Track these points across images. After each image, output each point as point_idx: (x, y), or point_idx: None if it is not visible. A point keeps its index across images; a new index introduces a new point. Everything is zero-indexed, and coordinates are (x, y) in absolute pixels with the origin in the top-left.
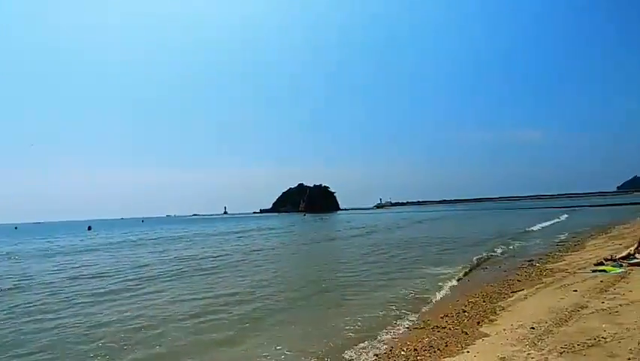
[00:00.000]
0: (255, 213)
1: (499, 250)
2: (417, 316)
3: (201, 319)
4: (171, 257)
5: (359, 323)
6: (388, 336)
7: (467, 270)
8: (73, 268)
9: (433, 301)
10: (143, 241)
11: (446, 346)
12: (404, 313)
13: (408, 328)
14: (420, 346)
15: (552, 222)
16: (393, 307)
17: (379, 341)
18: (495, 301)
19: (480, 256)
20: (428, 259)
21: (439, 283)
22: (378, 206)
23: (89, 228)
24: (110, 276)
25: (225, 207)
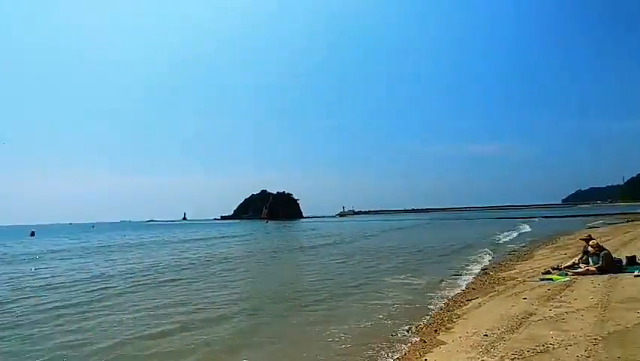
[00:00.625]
0: (215, 219)
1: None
2: (391, 328)
3: (159, 341)
4: (126, 267)
5: (343, 338)
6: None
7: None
8: (13, 278)
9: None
10: (94, 248)
11: (405, 354)
12: (381, 325)
13: (371, 337)
14: (380, 356)
15: (518, 232)
16: (372, 321)
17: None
18: (452, 309)
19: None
20: (399, 269)
21: (412, 294)
22: (341, 215)
23: (32, 233)
24: (54, 288)
25: (185, 213)
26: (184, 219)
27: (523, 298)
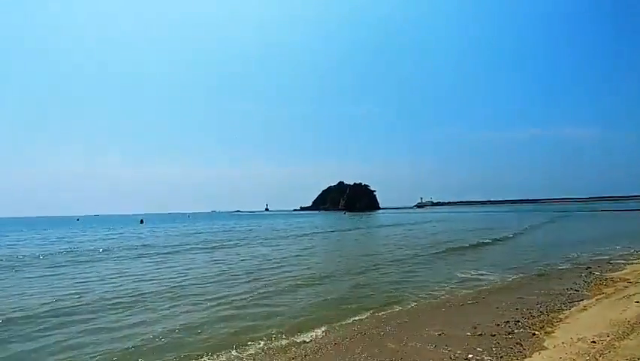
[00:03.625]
0: (295, 210)
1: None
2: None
3: None
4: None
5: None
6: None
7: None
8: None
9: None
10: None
11: (501, 357)
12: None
13: (455, 336)
14: (471, 356)
15: None
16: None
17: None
18: (551, 312)
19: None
20: None
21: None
22: (419, 205)
23: (142, 221)
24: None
25: (267, 205)
26: (266, 209)
27: (636, 302)
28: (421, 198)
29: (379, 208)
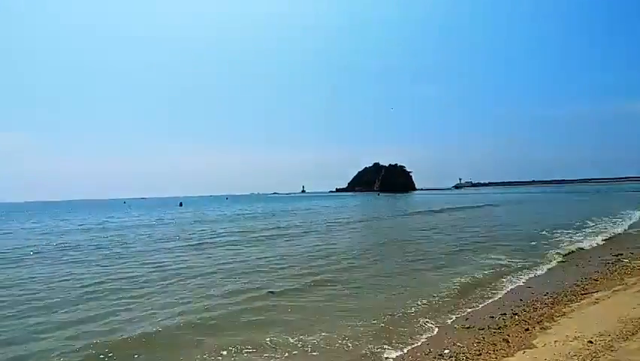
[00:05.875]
0: (331, 192)
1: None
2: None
3: None
4: None
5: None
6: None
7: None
8: None
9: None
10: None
11: (479, 355)
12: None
13: (441, 328)
14: (447, 351)
15: None
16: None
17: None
18: (557, 304)
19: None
20: None
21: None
22: (457, 186)
23: (180, 204)
24: None
25: (303, 186)
26: (303, 191)
27: None
28: (460, 179)
29: (415, 189)
